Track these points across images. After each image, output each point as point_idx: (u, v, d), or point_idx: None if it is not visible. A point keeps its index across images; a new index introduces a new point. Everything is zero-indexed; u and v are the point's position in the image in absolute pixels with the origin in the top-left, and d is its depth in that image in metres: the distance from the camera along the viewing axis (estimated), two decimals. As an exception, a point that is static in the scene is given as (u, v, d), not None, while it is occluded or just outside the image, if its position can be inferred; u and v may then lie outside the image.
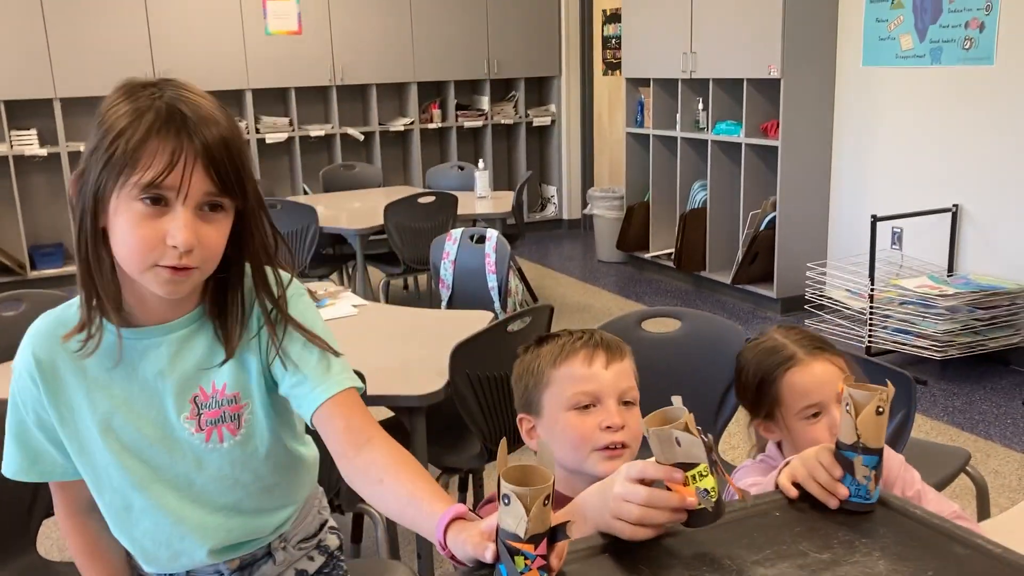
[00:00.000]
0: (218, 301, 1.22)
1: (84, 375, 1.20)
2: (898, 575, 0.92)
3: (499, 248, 3.50)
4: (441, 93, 7.57)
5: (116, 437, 1.22)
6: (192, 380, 1.22)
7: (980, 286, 4.24)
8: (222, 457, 1.25)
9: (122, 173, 1.07)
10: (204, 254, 1.12)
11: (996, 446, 3.55)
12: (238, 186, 1.12)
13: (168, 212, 1.09)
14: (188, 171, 1.07)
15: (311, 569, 1.42)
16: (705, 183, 5.83)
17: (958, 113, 4.48)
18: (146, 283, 1.12)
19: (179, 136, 1.07)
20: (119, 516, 1.27)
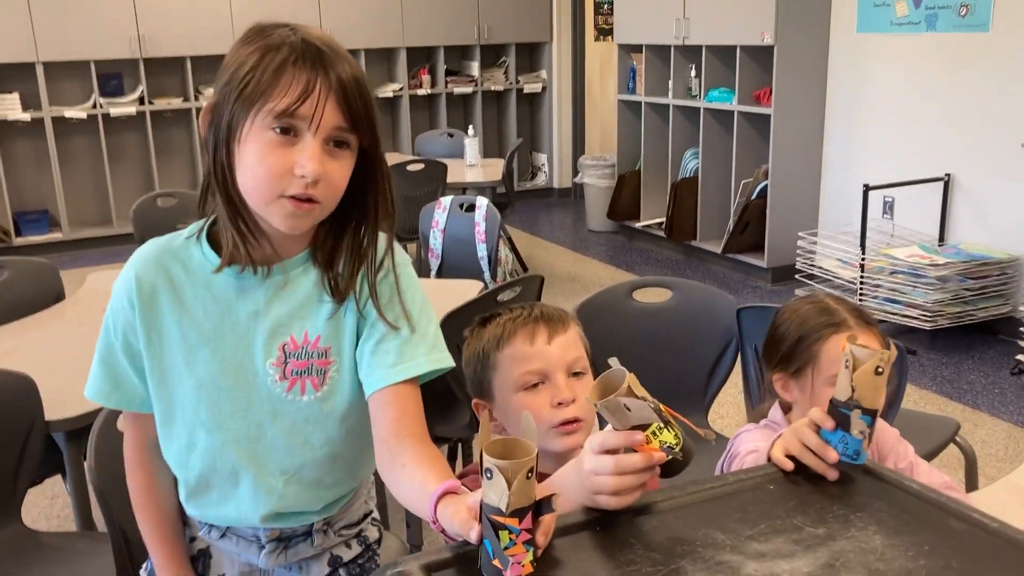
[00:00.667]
0: (328, 247, 1.21)
1: (181, 303, 1.20)
2: (894, 549, 0.91)
3: (489, 217, 3.47)
4: (430, 59, 7.49)
5: (198, 371, 1.21)
6: (285, 326, 1.21)
7: (970, 256, 4.23)
8: (299, 411, 1.23)
9: (256, 102, 1.08)
10: (328, 190, 1.12)
11: (984, 415, 3.56)
12: (366, 123, 1.13)
13: (297, 143, 1.09)
14: (322, 102, 1.08)
15: (346, 557, 1.40)
16: (697, 151, 5.79)
17: (952, 81, 4.45)
18: (269, 216, 1.12)
19: (314, 68, 1.08)
20: (180, 453, 1.26)
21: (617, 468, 0.96)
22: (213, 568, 1.37)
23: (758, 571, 0.87)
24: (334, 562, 1.39)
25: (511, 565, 0.86)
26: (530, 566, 0.88)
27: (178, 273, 1.21)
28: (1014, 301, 4.24)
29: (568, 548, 0.92)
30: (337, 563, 1.39)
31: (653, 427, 0.96)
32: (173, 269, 1.21)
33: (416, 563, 0.87)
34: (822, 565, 0.88)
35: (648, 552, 0.91)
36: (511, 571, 0.87)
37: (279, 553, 1.33)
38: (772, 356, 1.57)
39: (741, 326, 2.28)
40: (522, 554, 0.87)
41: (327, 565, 1.38)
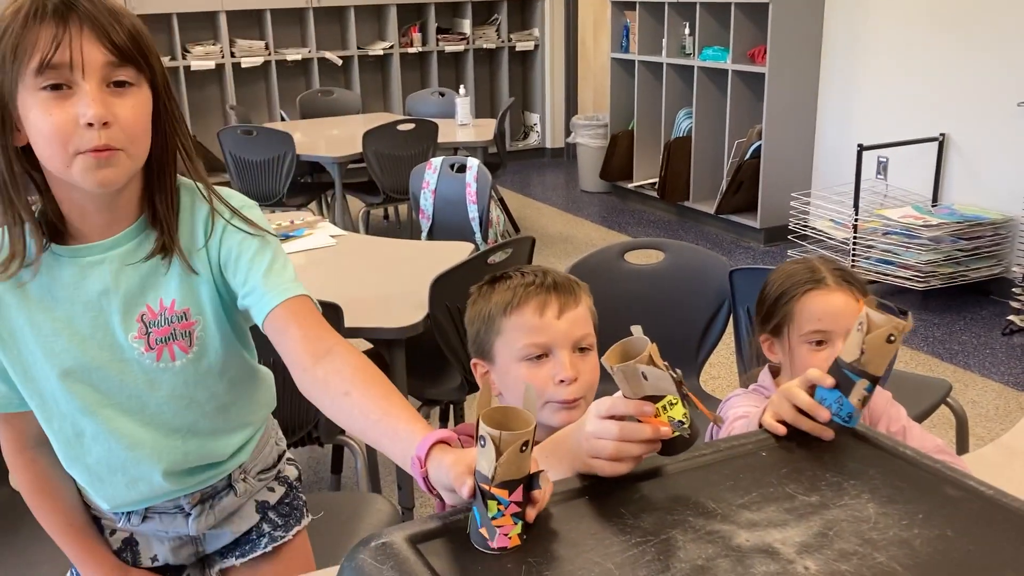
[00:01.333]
0: (157, 208, 1.16)
1: (25, 297, 1.15)
2: (888, 518, 0.89)
3: (480, 178, 3.43)
4: (421, 16, 7.38)
5: (61, 361, 1.17)
6: (138, 297, 1.17)
7: (964, 216, 4.22)
8: (175, 376, 1.21)
9: (16, 69, 1.03)
10: (125, 133, 1.06)
11: (975, 376, 3.57)
12: (137, 52, 1.07)
13: (74, 94, 1.03)
14: (77, 43, 1.02)
15: (272, 500, 1.40)
16: (690, 111, 5.74)
17: (948, 40, 4.40)
18: (76, 179, 1.06)
19: (59, 13, 1.02)
20: (70, 444, 1.23)
21: (622, 434, 0.94)
22: (143, 553, 1.35)
23: (749, 540, 0.86)
24: (262, 508, 1.39)
25: (497, 536, 0.85)
26: (517, 539, 0.86)
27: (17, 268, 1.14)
28: (1007, 262, 4.23)
29: (558, 517, 0.90)
30: (265, 508, 1.39)
31: (665, 400, 0.94)
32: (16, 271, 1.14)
33: (401, 534, 0.86)
34: (815, 534, 0.87)
35: (638, 522, 0.89)
36: (496, 542, 0.85)
37: (206, 515, 1.32)
38: (758, 317, 1.57)
39: (733, 288, 2.26)
40: (509, 526, 0.85)
41: (256, 512, 1.38)
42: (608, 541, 0.86)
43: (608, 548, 0.85)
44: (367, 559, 0.84)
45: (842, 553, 0.84)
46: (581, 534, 0.88)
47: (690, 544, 0.85)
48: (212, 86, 6.90)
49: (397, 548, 0.85)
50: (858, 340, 1.04)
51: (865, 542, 0.85)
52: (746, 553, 0.84)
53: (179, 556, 1.36)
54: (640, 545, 0.85)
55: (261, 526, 1.39)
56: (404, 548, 0.85)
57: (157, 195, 1.16)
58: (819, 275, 1.48)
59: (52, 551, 1.35)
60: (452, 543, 0.87)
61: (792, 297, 1.48)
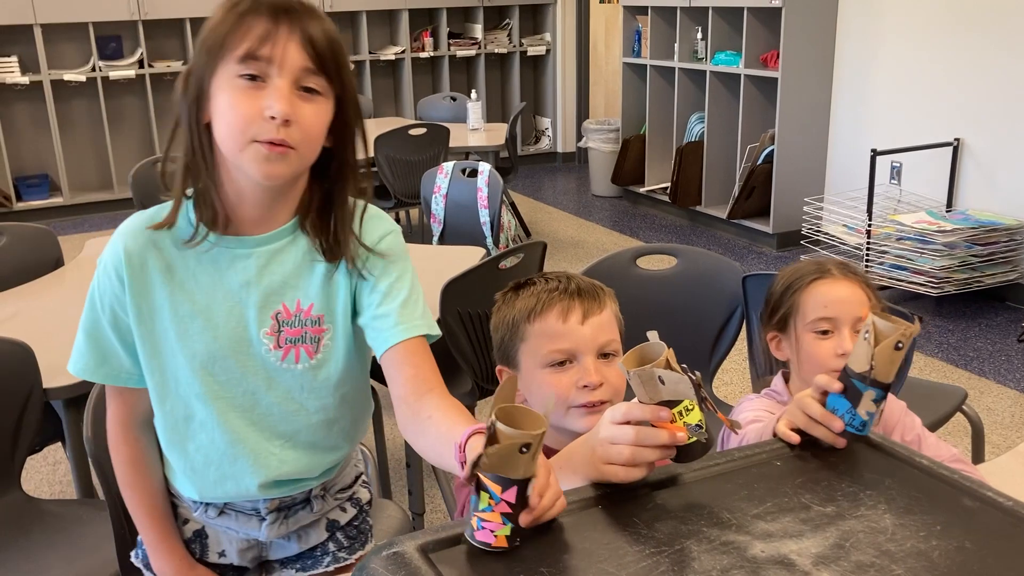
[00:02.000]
0: (315, 211, 1.20)
1: (171, 275, 1.19)
2: (905, 529, 0.88)
3: (491, 182, 3.42)
4: (433, 20, 7.39)
5: (191, 343, 1.20)
6: (277, 295, 1.20)
7: (979, 222, 4.19)
8: (293, 379, 1.23)
9: (220, 54, 1.09)
10: (302, 133, 1.10)
11: (990, 383, 3.54)
12: (335, 68, 1.12)
13: (266, 87, 1.08)
14: (283, 42, 1.08)
15: (342, 520, 1.40)
16: (703, 115, 5.72)
17: (962, 44, 4.37)
18: (245, 164, 1.10)
19: (275, 13, 1.09)
20: (176, 427, 1.25)
21: (637, 439, 0.93)
22: (211, 547, 1.36)
23: (765, 551, 0.85)
24: (331, 526, 1.39)
25: (481, 530, 0.84)
26: (504, 540, 0.85)
27: (167, 245, 1.19)
28: (1022, 268, 4.20)
29: (571, 526, 0.89)
30: (334, 527, 1.39)
31: (682, 406, 0.92)
32: (162, 241, 1.19)
33: (412, 543, 0.85)
34: (831, 545, 0.85)
35: (652, 532, 0.88)
36: (479, 535, 0.85)
37: (280, 523, 1.33)
38: (765, 316, 1.57)
39: (746, 293, 2.25)
40: (497, 524, 0.84)
41: (324, 530, 1.38)
42: (622, 551, 0.85)
43: (622, 558, 0.84)
44: (379, 568, 0.83)
45: (859, 565, 0.82)
46: (595, 543, 0.87)
47: (705, 555, 0.84)
48: (225, 91, 6.91)
49: (409, 558, 0.84)
50: (866, 350, 1.03)
51: (882, 554, 0.84)
52: (761, 564, 0.83)
53: (244, 557, 1.37)
54: (654, 555, 0.84)
55: (327, 544, 1.39)
56: (416, 558, 0.84)
57: (325, 203, 1.20)
58: (824, 267, 1.50)
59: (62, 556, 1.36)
60: (464, 552, 0.86)
61: (797, 289, 1.49)
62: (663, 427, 0.93)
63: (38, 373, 1.89)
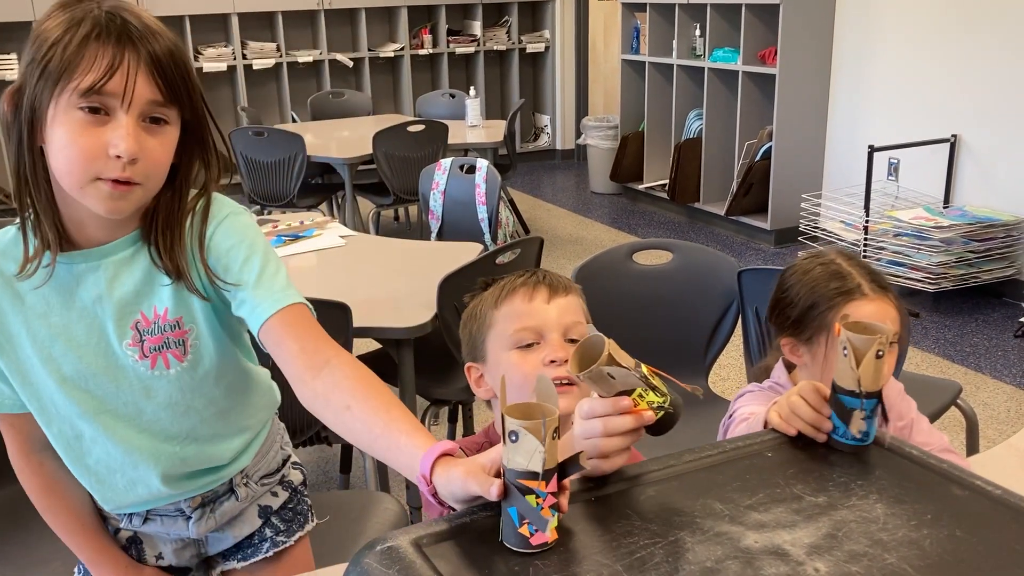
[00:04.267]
0: (157, 222, 1.15)
1: (21, 302, 1.15)
2: (896, 519, 0.89)
3: (489, 179, 3.43)
4: (432, 17, 7.39)
5: (58, 366, 1.17)
6: (132, 305, 1.17)
7: (976, 218, 4.19)
8: (171, 383, 1.20)
9: (59, 81, 1.01)
10: (148, 169, 1.06)
11: (986, 378, 3.55)
12: (185, 95, 1.07)
13: (110, 121, 1.03)
14: (132, 76, 1.02)
15: (275, 505, 1.40)
16: (701, 112, 5.72)
17: (960, 40, 4.38)
18: (87, 200, 1.06)
19: (120, 42, 1.02)
20: (70, 446, 1.22)
21: (606, 430, 0.94)
22: (147, 552, 1.35)
23: (758, 542, 0.85)
24: (264, 512, 1.38)
25: (537, 532, 0.84)
26: (554, 532, 0.85)
27: (12, 271, 1.13)
28: (1019, 264, 4.21)
29: (564, 519, 0.90)
30: (267, 512, 1.39)
31: (639, 390, 0.94)
32: (6, 268, 1.14)
33: (406, 537, 0.86)
34: (824, 535, 0.86)
35: (645, 524, 0.89)
36: (537, 538, 0.84)
37: (206, 518, 1.32)
38: (781, 320, 1.51)
39: (742, 288, 2.25)
40: (549, 518, 0.84)
41: (258, 517, 1.38)
42: (616, 543, 0.86)
43: (616, 550, 0.85)
44: (373, 563, 0.83)
45: (852, 554, 0.83)
46: (588, 536, 0.88)
47: (699, 546, 0.85)
48: (224, 88, 6.92)
49: (403, 552, 0.84)
50: (848, 367, 1.03)
51: (874, 543, 0.85)
52: (755, 555, 0.83)
53: (182, 557, 1.37)
54: (648, 547, 0.85)
55: (263, 531, 1.39)
56: (410, 551, 0.84)
57: (164, 218, 1.15)
58: (855, 281, 1.44)
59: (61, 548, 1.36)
60: (458, 546, 0.87)
61: (828, 309, 1.43)
62: (629, 412, 0.94)
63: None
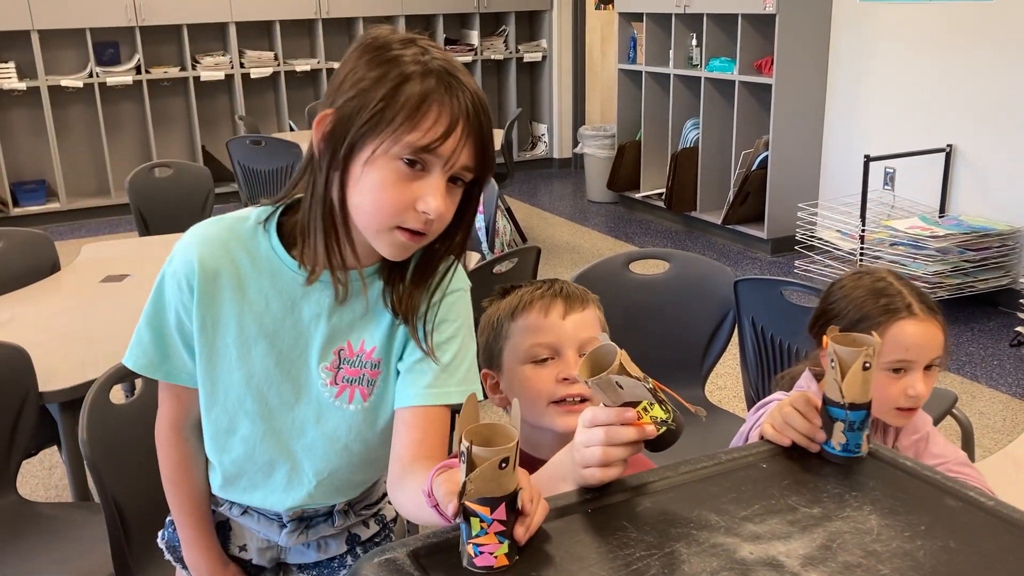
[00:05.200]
0: (407, 264, 1.16)
1: (243, 294, 1.16)
2: (890, 530, 0.89)
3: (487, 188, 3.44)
4: (429, 26, 7.41)
5: (251, 364, 1.18)
6: (344, 332, 1.18)
7: (971, 227, 4.21)
8: (343, 418, 1.21)
9: (392, 130, 1.03)
10: (440, 225, 1.08)
11: (982, 387, 3.56)
12: (489, 164, 1.10)
13: (423, 177, 1.05)
14: (462, 144, 1.04)
15: (364, 536, 1.39)
16: (697, 121, 5.74)
17: (955, 51, 4.40)
18: (376, 242, 1.08)
19: (457, 106, 1.04)
20: (219, 436, 1.24)
21: (607, 439, 0.94)
22: (233, 540, 1.36)
23: (754, 553, 0.86)
24: (352, 540, 1.39)
25: (482, 554, 0.84)
26: (505, 559, 0.85)
27: (244, 262, 1.16)
28: (1014, 273, 4.22)
29: (559, 531, 0.91)
30: (355, 541, 1.39)
31: (644, 403, 0.94)
32: (239, 257, 1.16)
33: (404, 549, 0.86)
34: (818, 547, 0.87)
35: (642, 535, 0.89)
36: (481, 560, 0.84)
37: (300, 532, 1.33)
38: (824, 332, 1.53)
39: (738, 298, 2.26)
40: (494, 545, 0.84)
41: (345, 543, 1.38)
42: (612, 555, 0.86)
43: (612, 562, 0.85)
44: (371, 575, 0.84)
45: (846, 565, 0.84)
46: (584, 548, 0.88)
47: (694, 557, 0.86)
48: (221, 96, 6.93)
49: (401, 564, 0.84)
50: (836, 380, 1.03)
51: (869, 554, 0.85)
52: (751, 566, 0.84)
53: (263, 556, 1.37)
54: (644, 559, 0.86)
55: (345, 557, 1.39)
56: (408, 564, 0.84)
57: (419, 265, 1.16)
58: (906, 300, 1.43)
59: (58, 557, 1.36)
60: (456, 558, 0.87)
61: (876, 324, 1.42)
62: (632, 425, 0.95)
63: (34, 377, 1.90)
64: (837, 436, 1.04)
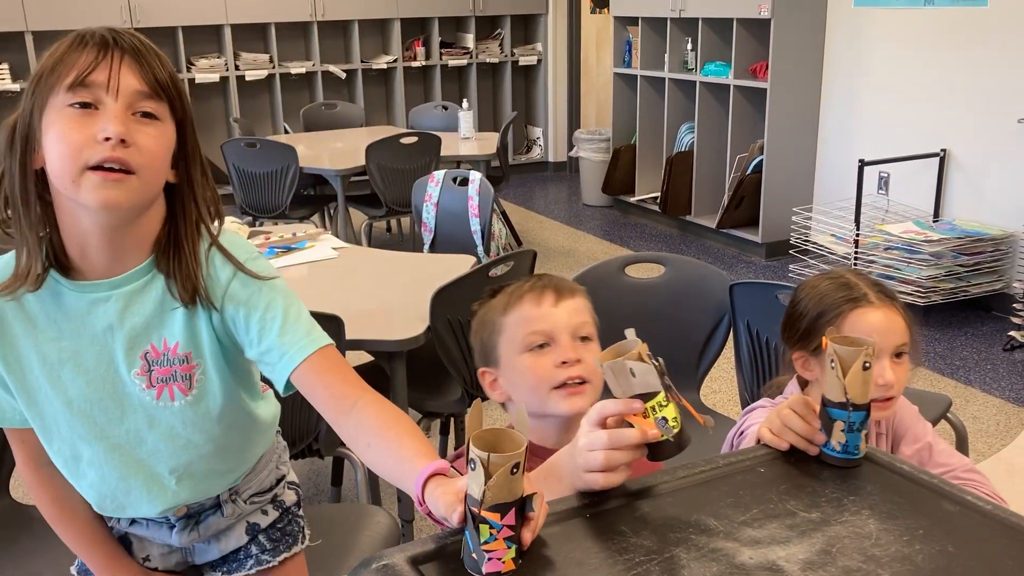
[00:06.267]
0: (169, 251, 1.17)
1: (33, 325, 1.16)
2: (889, 534, 0.89)
3: (482, 191, 3.44)
4: (425, 30, 7.41)
5: (65, 390, 1.18)
6: (142, 335, 1.18)
7: (965, 232, 4.22)
8: (173, 416, 1.22)
9: (48, 87, 1.06)
10: (141, 158, 1.07)
11: (976, 392, 3.57)
12: (174, 91, 1.10)
13: (99, 113, 1.06)
14: (116, 65, 1.06)
15: (263, 523, 1.40)
16: (692, 125, 5.75)
17: (949, 56, 4.42)
18: (81, 197, 1.06)
19: (104, 42, 1.07)
20: (67, 465, 1.25)
21: (610, 443, 0.94)
22: (135, 553, 1.37)
23: (753, 558, 0.86)
24: (252, 529, 1.39)
25: (489, 560, 0.84)
26: (511, 563, 0.85)
27: (27, 296, 1.14)
28: (1008, 277, 4.23)
29: (558, 536, 0.90)
30: (255, 530, 1.39)
31: (656, 400, 0.94)
32: (19, 292, 1.14)
33: (402, 555, 0.85)
34: (818, 551, 0.87)
35: (640, 540, 0.89)
36: (488, 567, 0.84)
37: (191, 530, 1.33)
38: (791, 334, 1.52)
39: (734, 302, 2.26)
40: (503, 550, 0.84)
41: (245, 534, 1.38)
42: (611, 560, 0.86)
43: (612, 567, 0.85)
44: (368, 581, 0.83)
45: (846, 570, 0.84)
46: (583, 553, 0.88)
47: (694, 562, 0.85)
48: (216, 99, 6.92)
49: (399, 570, 0.84)
50: (837, 380, 1.03)
51: (868, 559, 0.85)
52: (750, 571, 0.84)
53: (168, 562, 1.38)
54: (644, 564, 0.85)
55: (249, 547, 1.39)
56: (406, 570, 0.84)
57: (174, 240, 1.16)
58: (861, 291, 1.44)
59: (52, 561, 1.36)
60: (454, 564, 0.87)
61: (835, 317, 1.43)
62: (636, 422, 0.94)
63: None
64: (837, 437, 1.04)
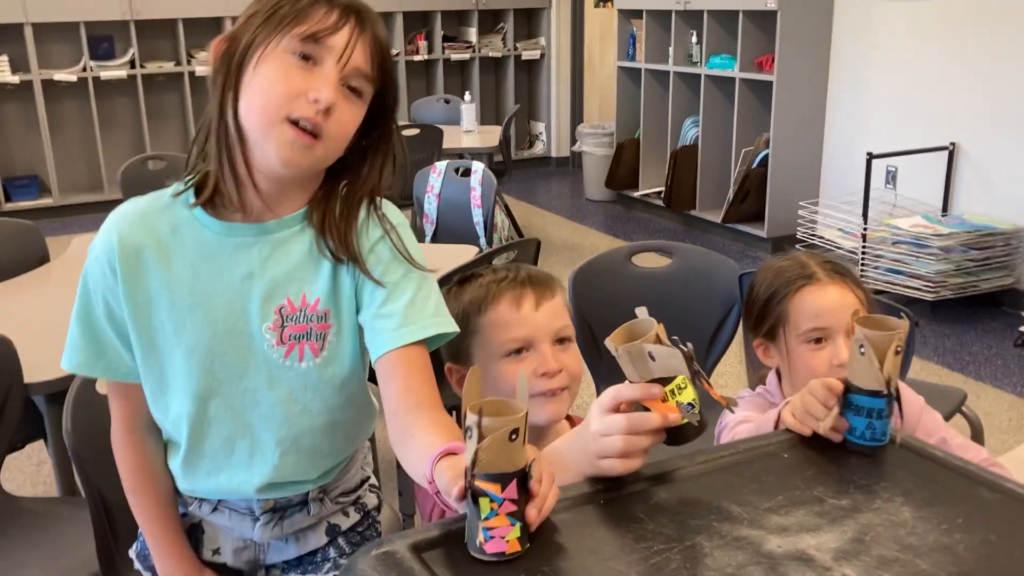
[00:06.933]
0: (324, 205, 1.14)
1: (168, 265, 1.12)
2: (926, 523, 0.84)
3: (485, 181, 3.38)
4: (427, 24, 7.36)
5: (189, 338, 1.13)
6: (281, 287, 1.13)
7: (974, 226, 4.16)
8: (297, 377, 1.15)
9: (284, 25, 1.05)
10: (335, 127, 1.07)
11: (987, 387, 3.51)
12: (385, 77, 1.11)
13: (316, 71, 1.05)
14: (353, 40, 1.06)
15: (344, 525, 1.33)
16: (697, 119, 5.70)
17: (958, 48, 4.36)
18: (267, 145, 1.05)
19: (349, 11, 1.07)
20: (170, 421, 1.19)
21: (629, 427, 0.88)
22: (206, 543, 1.30)
23: (781, 547, 0.80)
24: (331, 531, 1.32)
25: (491, 540, 0.78)
26: (517, 543, 0.79)
27: (165, 233, 1.12)
28: (1018, 272, 4.18)
29: (570, 524, 0.85)
30: (335, 532, 1.32)
31: (675, 383, 0.87)
32: (160, 229, 1.12)
33: (404, 542, 0.80)
34: (850, 539, 0.81)
35: (659, 527, 0.84)
36: (491, 546, 0.78)
37: (274, 525, 1.26)
38: (748, 322, 1.49)
39: (743, 292, 2.21)
40: (506, 528, 0.78)
41: (324, 535, 1.31)
42: (628, 548, 0.81)
43: (629, 555, 0.80)
44: (368, 569, 0.79)
45: (882, 560, 0.78)
46: (598, 541, 0.82)
47: (717, 551, 0.80)
48: (216, 92, 6.87)
49: (400, 557, 0.79)
50: (873, 368, 0.96)
51: (905, 548, 0.80)
52: (779, 560, 0.78)
53: (239, 558, 1.30)
54: (663, 552, 0.80)
55: (327, 550, 1.32)
56: (408, 557, 0.79)
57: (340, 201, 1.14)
58: (808, 270, 1.41)
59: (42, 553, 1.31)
60: (457, 551, 0.82)
61: (784, 296, 1.40)
62: (655, 407, 0.88)
63: (19, 368, 1.84)
64: (866, 424, 0.98)
